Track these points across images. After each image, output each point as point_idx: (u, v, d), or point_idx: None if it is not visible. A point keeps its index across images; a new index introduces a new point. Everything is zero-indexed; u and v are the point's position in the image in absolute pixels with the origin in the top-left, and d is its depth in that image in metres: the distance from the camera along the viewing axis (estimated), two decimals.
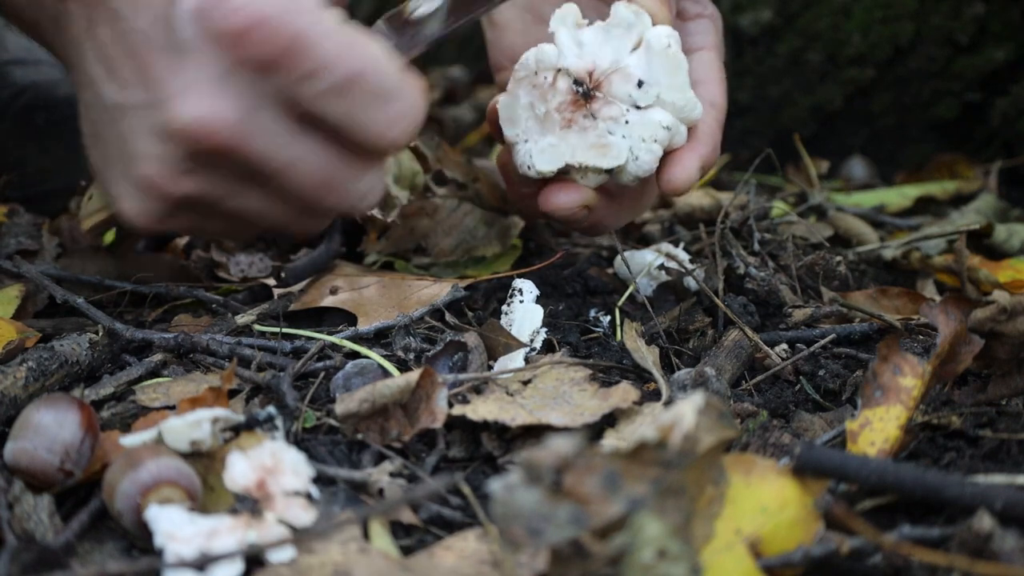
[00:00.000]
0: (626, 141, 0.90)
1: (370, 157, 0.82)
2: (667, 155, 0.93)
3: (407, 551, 0.70)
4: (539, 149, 0.92)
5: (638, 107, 0.91)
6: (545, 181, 0.94)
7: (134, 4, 0.77)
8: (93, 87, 0.81)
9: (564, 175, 0.93)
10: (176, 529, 0.66)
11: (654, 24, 0.92)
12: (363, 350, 0.90)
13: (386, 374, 0.86)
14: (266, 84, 0.76)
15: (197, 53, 0.75)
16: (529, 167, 0.92)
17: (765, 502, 0.69)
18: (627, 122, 0.90)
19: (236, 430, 0.76)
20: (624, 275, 1.06)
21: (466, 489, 0.75)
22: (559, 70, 0.91)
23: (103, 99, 0.80)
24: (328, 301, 1.00)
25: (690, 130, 0.94)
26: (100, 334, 0.88)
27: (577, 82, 0.91)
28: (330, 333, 0.93)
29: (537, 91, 0.92)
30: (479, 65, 1.85)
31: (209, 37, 0.75)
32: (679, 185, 0.93)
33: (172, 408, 0.81)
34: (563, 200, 0.94)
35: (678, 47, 0.91)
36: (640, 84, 0.90)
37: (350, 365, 0.86)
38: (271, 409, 0.78)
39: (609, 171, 0.91)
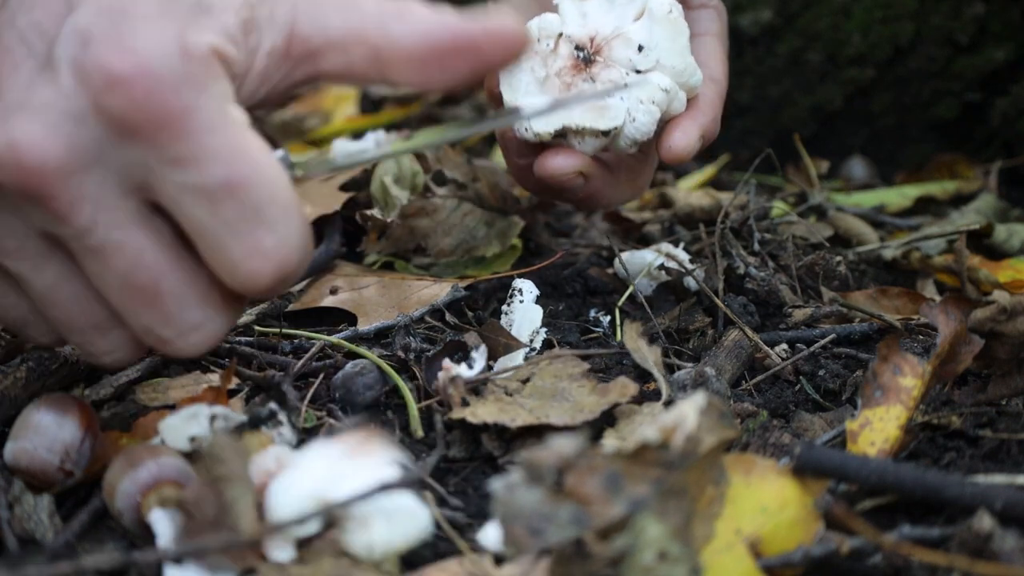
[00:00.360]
0: (624, 103, 0.90)
1: (238, 295, 0.69)
2: (667, 123, 0.92)
3: (409, 565, 0.70)
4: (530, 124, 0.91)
5: (638, 71, 0.91)
6: (543, 147, 0.94)
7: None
8: None
9: (561, 139, 0.92)
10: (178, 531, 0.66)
11: None
12: (362, 351, 0.90)
13: (383, 375, 0.86)
14: (124, 146, 0.64)
15: (60, 77, 0.64)
16: (527, 128, 0.91)
17: (765, 502, 0.69)
18: (626, 85, 0.90)
19: (239, 429, 0.76)
20: (624, 275, 1.06)
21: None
22: (560, 35, 0.91)
23: None
24: (328, 301, 1.00)
25: (691, 100, 0.93)
26: None
27: (578, 47, 0.91)
28: (329, 333, 0.93)
29: (538, 57, 0.92)
30: None
31: (81, 68, 0.63)
32: (680, 151, 0.91)
33: (172, 407, 0.81)
34: (559, 164, 0.91)
35: (680, 14, 0.91)
36: (640, 48, 0.90)
37: (349, 365, 0.86)
38: (272, 405, 0.78)
39: (607, 133, 0.89)
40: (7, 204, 0.66)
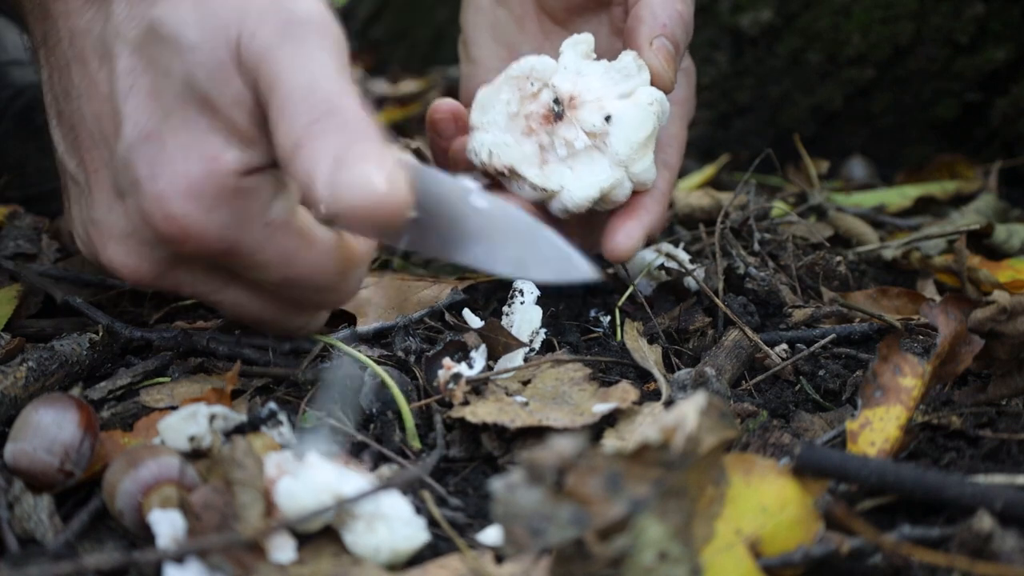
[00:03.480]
0: (568, 172, 0.93)
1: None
2: (614, 220, 0.95)
3: (409, 562, 0.70)
4: (493, 143, 0.94)
5: (595, 144, 0.93)
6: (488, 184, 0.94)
7: (85, 81, 0.78)
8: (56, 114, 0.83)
9: (503, 178, 0.94)
10: (178, 532, 0.66)
11: (652, 83, 0.94)
12: (363, 358, 0.90)
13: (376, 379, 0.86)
14: (196, 259, 0.78)
15: (129, 210, 0.76)
16: (476, 154, 0.94)
17: (765, 502, 0.69)
18: (577, 150, 0.93)
19: (240, 430, 0.76)
20: (624, 275, 1.06)
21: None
22: (547, 84, 0.94)
23: (56, 146, 0.83)
24: None
25: (641, 192, 0.96)
26: (100, 334, 0.88)
27: (557, 100, 0.94)
28: (328, 333, 0.93)
29: (519, 93, 0.94)
30: None
31: (142, 211, 0.75)
32: (622, 253, 0.95)
33: (175, 408, 0.81)
34: None
35: (659, 111, 0.94)
36: (608, 119, 0.92)
37: (368, 375, 0.85)
38: (272, 405, 0.78)
39: (544, 189, 0.92)
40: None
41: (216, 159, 0.73)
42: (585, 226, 1.00)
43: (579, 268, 0.75)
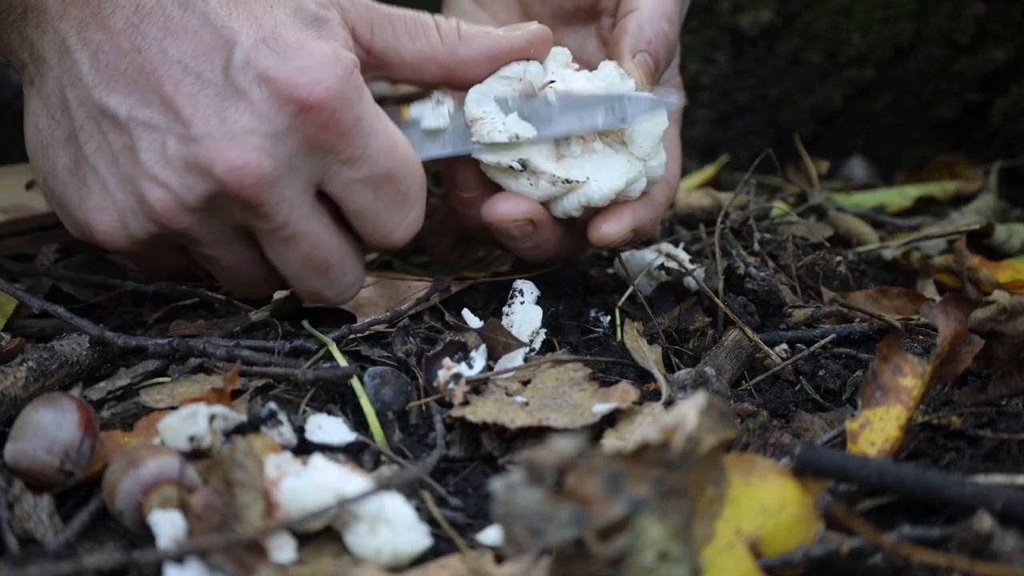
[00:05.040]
0: (590, 165, 0.91)
1: (368, 250, 0.90)
2: (608, 206, 0.92)
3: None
4: (506, 122, 0.90)
5: (607, 143, 0.92)
6: (490, 189, 0.93)
7: (168, 29, 0.80)
8: (79, 88, 0.82)
9: (510, 177, 0.91)
10: (179, 532, 0.67)
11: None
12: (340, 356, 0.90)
13: (404, 378, 0.86)
14: (311, 155, 0.81)
15: (255, 105, 0.79)
16: (490, 140, 0.89)
17: (765, 502, 0.69)
18: (596, 150, 0.92)
19: (240, 430, 0.76)
20: (624, 275, 1.06)
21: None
22: (547, 83, 0.92)
23: (99, 104, 0.81)
24: None
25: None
26: (88, 345, 0.87)
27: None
28: (327, 333, 0.93)
29: (516, 92, 0.92)
30: None
31: (273, 96, 0.79)
32: (607, 238, 0.93)
33: (175, 408, 0.81)
34: (509, 209, 0.91)
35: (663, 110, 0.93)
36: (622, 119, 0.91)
37: (368, 376, 0.85)
38: (272, 405, 0.78)
39: (568, 181, 0.90)
40: (214, 209, 0.82)
41: (334, 48, 0.81)
42: (574, 233, 0.98)
43: (656, 100, 0.90)
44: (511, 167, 0.90)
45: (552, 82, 0.92)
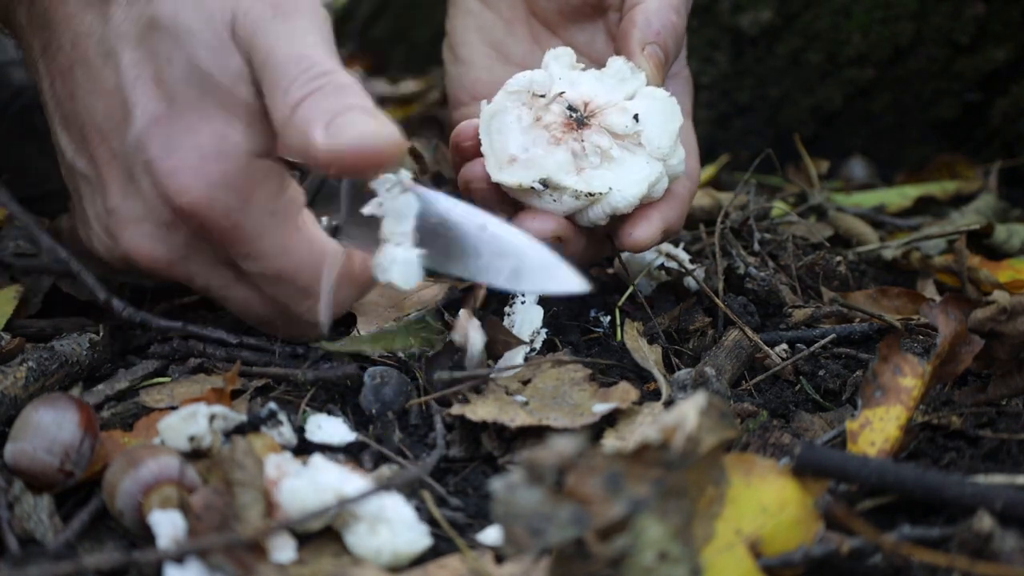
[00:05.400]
0: (611, 173, 0.90)
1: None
2: (634, 210, 0.91)
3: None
4: (396, 258, 0.83)
5: (625, 146, 0.91)
6: (514, 209, 0.92)
7: (93, 80, 0.80)
8: (46, 112, 0.85)
9: (532, 196, 0.90)
10: (179, 532, 0.66)
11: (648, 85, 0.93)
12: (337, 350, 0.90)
13: (403, 377, 0.86)
14: (205, 243, 0.81)
15: (145, 193, 0.79)
16: (377, 263, 0.82)
17: (765, 502, 0.69)
18: (613, 155, 0.91)
19: (241, 430, 0.76)
20: (624, 275, 1.06)
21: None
22: (558, 94, 0.92)
23: (56, 136, 0.85)
24: None
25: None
26: (100, 334, 0.88)
27: (572, 108, 0.92)
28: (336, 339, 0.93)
29: (527, 108, 0.92)
30: None
31: (157, 189, 0.78)
32: (639, 243, 0.92)
33: (175, 408, 0.81)
34: (536, 227, 0.89)
35: (677, 104, 0.93)
36: (636, 118, 0.91)
37: (367, 376, 0.85)
38: (272, 405, 0.78)
39: (591, 195, 0.89)
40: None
41: (224, 136, 0.77)
42: (599, 239, 0.97)
43: (569, 280, 0.81)
44: (532, 188, 0.90)
45: (562, 93, 0.92)
